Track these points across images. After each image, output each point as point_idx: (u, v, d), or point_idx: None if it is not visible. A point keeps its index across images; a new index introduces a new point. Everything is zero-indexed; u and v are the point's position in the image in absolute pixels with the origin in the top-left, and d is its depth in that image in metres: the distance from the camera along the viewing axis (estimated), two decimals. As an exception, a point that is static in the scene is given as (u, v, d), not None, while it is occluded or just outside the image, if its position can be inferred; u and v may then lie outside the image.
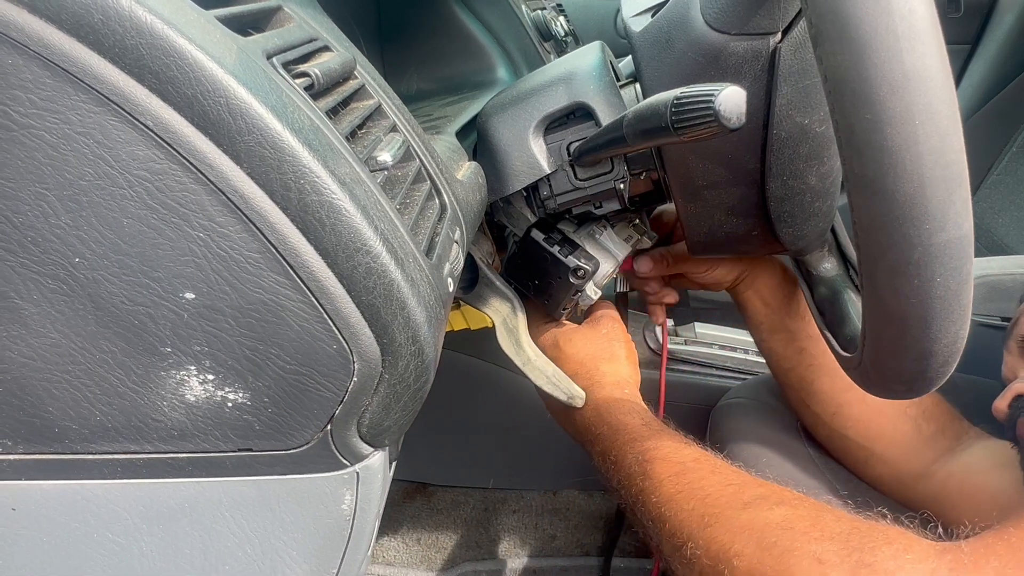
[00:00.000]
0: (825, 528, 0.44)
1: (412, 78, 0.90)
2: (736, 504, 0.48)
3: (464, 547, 1.18)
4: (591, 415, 0.62)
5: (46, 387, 0.34)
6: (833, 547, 0.43)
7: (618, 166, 0.59)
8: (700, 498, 0.49)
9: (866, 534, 0.43)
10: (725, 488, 0.49)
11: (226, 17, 0.33)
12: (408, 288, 0.34)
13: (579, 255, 0.65)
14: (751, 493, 0.49)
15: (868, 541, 0.43)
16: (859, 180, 0.33)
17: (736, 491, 0.49)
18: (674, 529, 0.49)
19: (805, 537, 0.44)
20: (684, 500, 0.49)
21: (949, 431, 0.65)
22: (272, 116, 0.30)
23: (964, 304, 0.35)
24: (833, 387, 0.68)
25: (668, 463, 0.53)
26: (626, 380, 0.65)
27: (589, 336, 0.68)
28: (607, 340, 0.68)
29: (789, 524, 0.45)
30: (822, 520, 0.45)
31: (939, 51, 0.31)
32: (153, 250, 0.32)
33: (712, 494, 0.49)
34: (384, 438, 0.38)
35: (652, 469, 0.53)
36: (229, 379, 0.34)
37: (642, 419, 0.59)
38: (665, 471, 0.52)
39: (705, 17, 0.48)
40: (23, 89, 0.28)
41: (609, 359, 0.66)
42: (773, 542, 0.44)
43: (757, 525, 0.45)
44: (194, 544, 0.40)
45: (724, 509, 0.47)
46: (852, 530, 0.44)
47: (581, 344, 0.67)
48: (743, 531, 0.45)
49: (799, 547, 0.43)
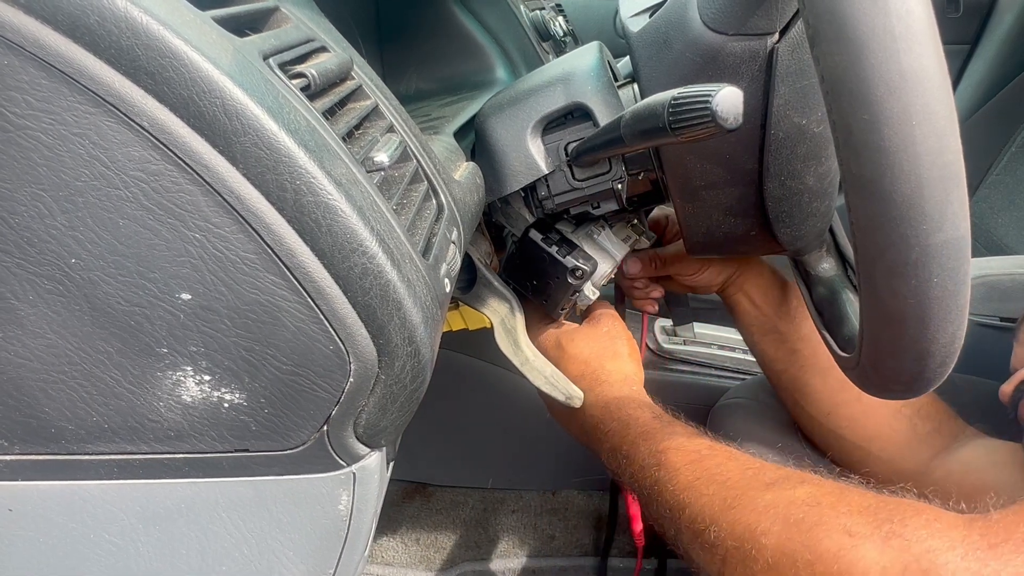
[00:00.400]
0: (852, 502, 0.44)
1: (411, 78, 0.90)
2: (758, 485, 0.47)
3: (463, 547, 1.18)
4: (599, 413, 0.62)
5: (42, 388, 0.34)
6: (862, 519, 0.42)
7: (616, 166, 0.59)
8: (720, 482, 0.48)
9: (894, 507, 0.43)
10: (745, 471, 0.49)
11: (222, 18, 0.33)
12: (404, 289, 0.34)
13: (577, 255, 0.65)
14: (772, 475, 0.48)
15: (896, 513, 0.42)
16: (856, 181, 0.33)
17: (756, 473, 0.49)
18: (695, 515, 0.48)
19: (833, 511, 0.43)
20: (704, 486, 0.49)
21: (945, 430, 0.65)
22: (268, 117, 0.30)
23: (962, 304, 0.35)
24: (826, 387, 0.68)
25: (684, 452, 0.52)
26: (632, 377, 0.65)
27: (591, 335, 0.68)
28: (609, 338, 0.68)
29: (815, 500, 0.44)
30: (848, 495, 0.45)
31: (936, 52, 0.31)
32: (149, 251, 0.32)
33: (732, 478, 0.49)
34: (381, 439, 0.38)
35: (667, 459, 0.52)
36: (225, 380, 0.34)
37: (652, 413, 0.59)
38: (681, 460, 0.52)
39: (703, 17, 0.48)
40: (19, 90, 0.28)
41: (613, 357, 0.66)
42: (800, 518, 0.43)
43: (782, 503, 0.45)
44: (191, 545, 0.40)
45: (746, 491, 0.47)
46: (879, 504, 0.43)
47: (584, 344, 0.67)
48: (768, 510, 0.45)
49: (827, 521, 0.42)
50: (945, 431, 0.65)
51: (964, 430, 0.64)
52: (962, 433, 0.64)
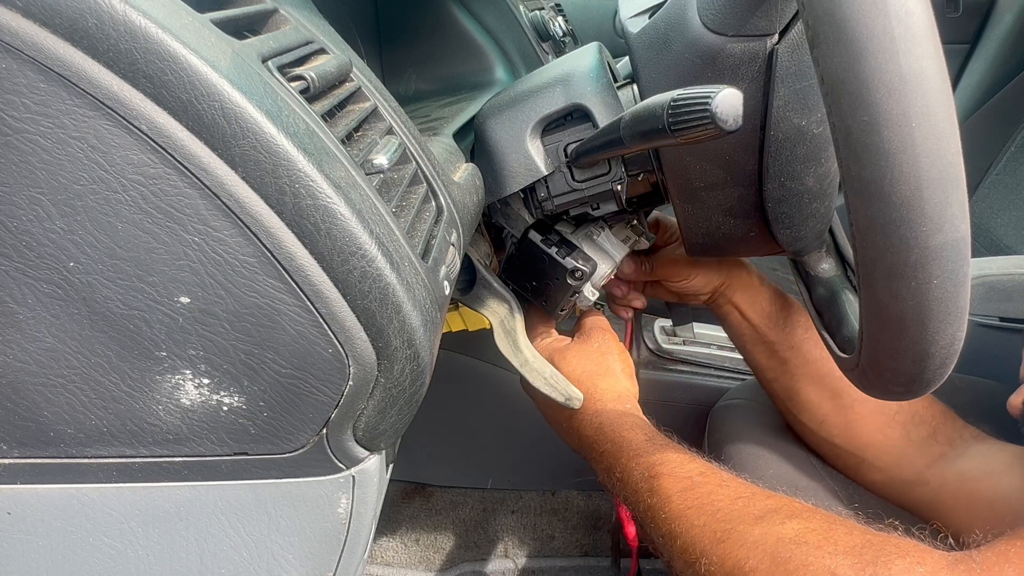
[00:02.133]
0: (838, 542, 0.44)
1: (411, 79, 0.90)
2: (748, 518, 0.47)
3: (463, 547, 1.18)
4: (593, 433, 0.61)
5: (41, 391, 0.34)
6: (847, 561, 0.43)
7: (616, 168, 0.59)
8: (711, 513, 0.49)
9: (879, 547, 0.43)
10: (735, 502, 0.49)
11: (221, 20, 0.33)
12: (404, 292, 0.34)
13: (576, 256, 0.65)
14: (762, 506, 0.48)
15: (881, 554, 0.43)
16: (856, 182, 0.33)
17: (746, 504, 0.49)
18: (686, 545, 0.49)
19: (819, 551, 0.44)
20: (695, 516, 0.49)
21: (941, 435, 0.64)
22: (267, 120, 0.30)
23: (961, 306, 0.35)
24: (819, 396, 0.68)
25: (675, 478, 0.52)
26: (625, 394, 0.65)
27: (582, 352, 0.67)
28: (600, 354, 0.67)
29: (802, 538, 0.45)
30: (834, 533, 0.45)
31: (936, 53, 0.31)
32: (148, 254, 0.31)
33: (723, 508, 0.49)
34: (380, 441, 0.38)
35: (660, 485, 0.53)
36: (224, 383, 0.34)
37: (645, 434, 0.58)
38: (673, 487, 0.52)
39: (702, 19, 0.48)
40: (17, 93, 0.28)
41: (605, 374, 0.65)
42: (787, 557, 0.44)
43: (770, 540, 0.45)
44: (190, 548, 0.40)
45: (736, 524, 0.47)
46: (865, 543, 0.44)
47: (576, 362, 0.66)
48: (756, 546, 0.45)
49: (813, 561, 0.43)
50: (941, 436, 0.64)
51: (962, 433, 0.64)
52: (959, 437, 0.64)
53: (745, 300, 0.71)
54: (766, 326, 0.70)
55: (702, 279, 0.71)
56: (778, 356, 0.70)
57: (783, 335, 0.69)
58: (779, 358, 0.70)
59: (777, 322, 0.70)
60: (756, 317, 0.71)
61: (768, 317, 0.70)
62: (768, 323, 0.70)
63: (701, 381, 1.03)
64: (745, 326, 0.72)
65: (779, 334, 0.70)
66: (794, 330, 0.69)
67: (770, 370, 0.71)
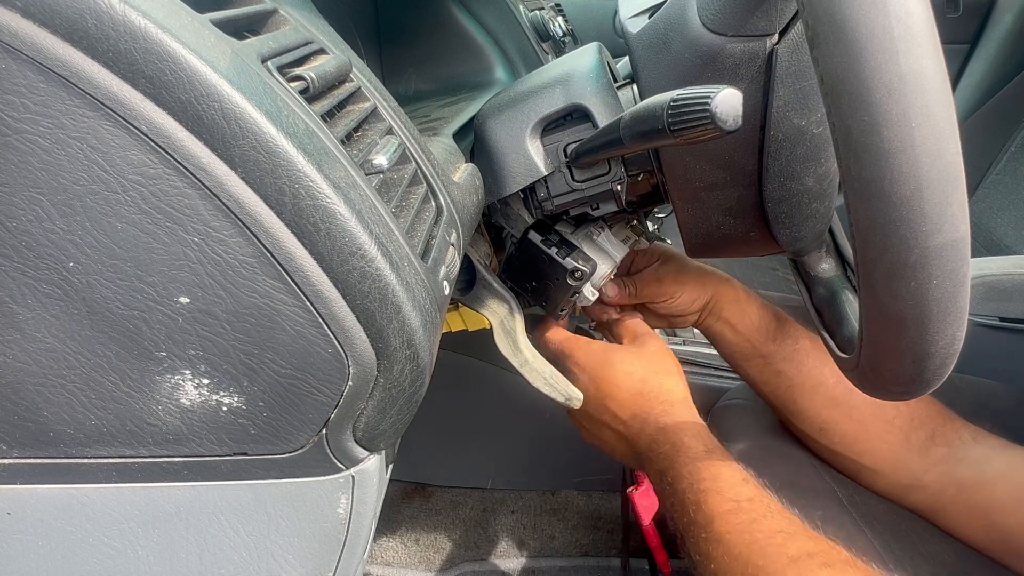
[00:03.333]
0: None
1: (411, 79, 0.90)
2: (782, 558, 0.47)
3: (463, 547, 1.18)
4: (654, 432, 0.61)
5: (41, 392, 0.34)
6: None
7: (615, 168, 0.59)
8: (747, 543, 0.48)
9: None
10: (774, 536, 0.49)
11: (221, 20, 0.33)
12: (403, 292, 0.34)
13: (576, 256, 0.65)
14: (799, 548, 0.48)
15: None
16: (856, 182, 0.33)
17: (784, 541, 0.48)
18: (718, 571, 0.49)
19: None
20: (732, 543, 0.49)
21: (941, 437, 0.64)
22: (266, 120, 0.30)
23: (961, 306, 0.35)
24: (815, 406, 0.68)
25: (723, 498, 0.52)
26: (689, 398, 0.64)
27: (641, 354, 0.67)
28: (660, 356, 0.67)
29: None
30: None
31: (936, 53, 0.31)
32: (147, 255, 0.31)
33: (759, 540, 0.48)
34: (380, 442, 0.38)
35: (705, 500, 0.52)
36: (224, 383, 0.34)
37: (705, 445, 0.58)
38: (718, 507, 0.51)
39: (702, 19, 0.47)
40: (16, 94, 0.28)
41: (668, 374, 0.65)
42: None
43: None
44: (190, 548, 0.40)
45: (769, 563, 0.47)
46: None
47: (638, 362, 0.66)
48: None
49: None
50: (941, 439, 0.64)
51: (961, 433, 0.64)
52: (959, 438, 0.64)
53: (735, 315, 0.71)
54: (758, 339, 0.70)
55: (688, 296, 0.71)
56: (772, 368, 0.70)
57: (776, 347, 0.69)
58: (773, 370, 0.70)
59: (768, 335, 0.70)
60: (748, 331, 0.71)
61: (759, 330, 0.70)
62: (760, 336, 0.70)
63: (701, 381, 1.03)
64: (738, 342, 0.71)
65: (772, 346, 0.70)
66: (785, 341, 0.69)
67: (765, 383, 0.71)
